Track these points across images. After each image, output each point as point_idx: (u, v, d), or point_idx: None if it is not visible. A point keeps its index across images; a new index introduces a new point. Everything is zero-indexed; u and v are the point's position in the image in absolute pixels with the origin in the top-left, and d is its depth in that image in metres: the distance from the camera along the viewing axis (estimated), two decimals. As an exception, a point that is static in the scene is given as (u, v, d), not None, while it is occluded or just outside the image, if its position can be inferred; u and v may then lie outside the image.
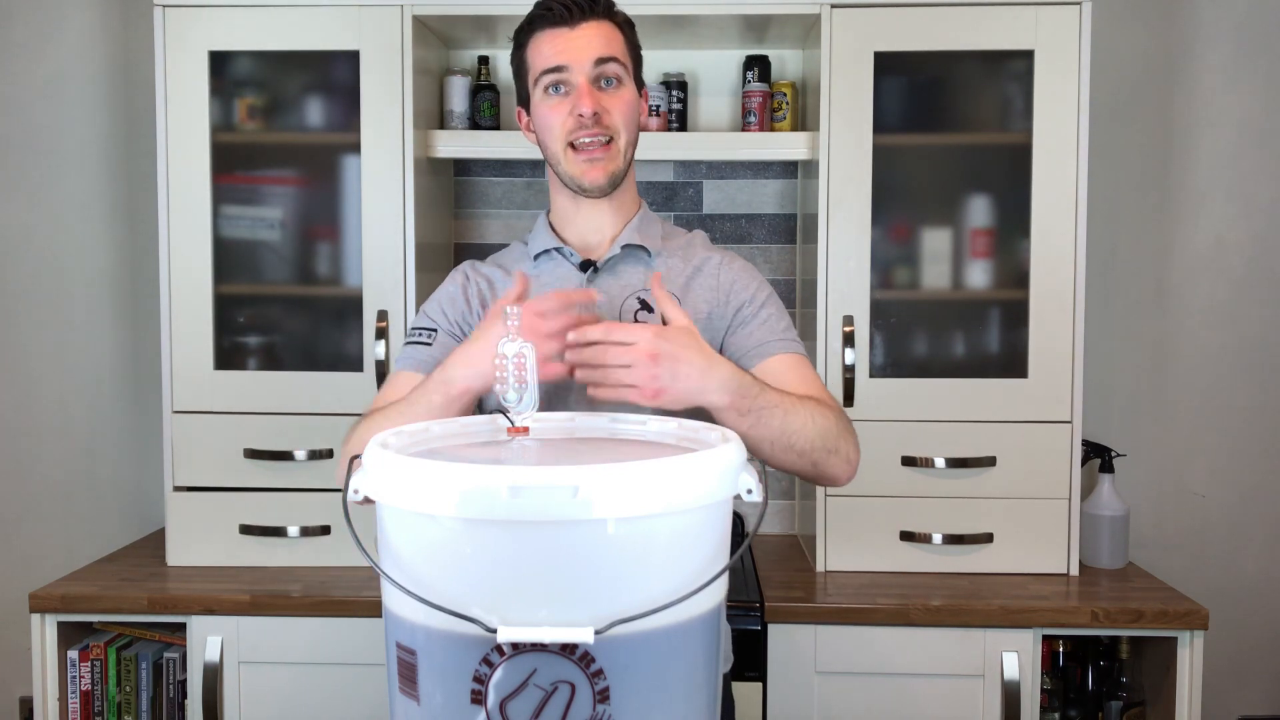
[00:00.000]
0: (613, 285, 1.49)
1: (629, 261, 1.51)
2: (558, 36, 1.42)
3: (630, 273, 1.50)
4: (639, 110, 1.49)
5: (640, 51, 1.51)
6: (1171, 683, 2.08)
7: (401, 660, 0.96)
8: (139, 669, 2.19)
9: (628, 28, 1.48)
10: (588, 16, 1.42)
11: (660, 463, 0.92)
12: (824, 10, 2.18)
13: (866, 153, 2.19)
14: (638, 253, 1.51)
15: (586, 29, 1.42)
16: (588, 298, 1.33)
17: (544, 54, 1.43)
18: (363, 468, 0.99)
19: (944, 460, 2.20)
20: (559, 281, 1.50)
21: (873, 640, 2.05)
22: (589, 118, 1.41)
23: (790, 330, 1.50)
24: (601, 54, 1.41)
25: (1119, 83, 2.54)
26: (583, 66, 1.41)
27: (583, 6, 1.41)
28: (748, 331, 1.47)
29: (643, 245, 1.51)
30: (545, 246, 1.52)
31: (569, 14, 1.41)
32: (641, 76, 1.51)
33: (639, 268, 1.50)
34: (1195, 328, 2.59)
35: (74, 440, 2.66)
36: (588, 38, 1.41)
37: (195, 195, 2.22)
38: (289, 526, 2.24)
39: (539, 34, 1.44)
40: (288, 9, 2.20)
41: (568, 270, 1.51)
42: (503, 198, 2.61)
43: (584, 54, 1.41)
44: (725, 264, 1.52)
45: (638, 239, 1.50)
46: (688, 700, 0.98)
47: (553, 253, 1.52)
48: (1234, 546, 2.60)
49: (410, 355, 1.51)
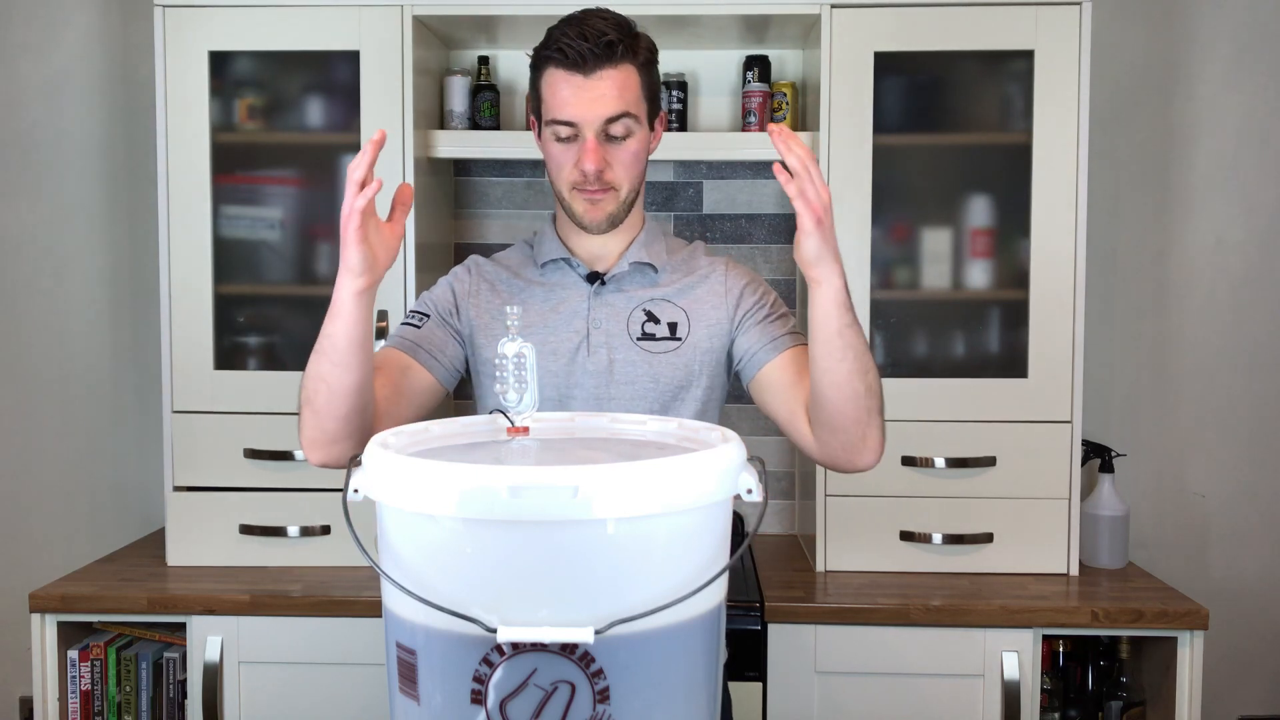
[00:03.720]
0: (618, 299, 1.51)
1: (635, 276, 1.53)
2: (571, 83, 1.39)
3: (636, 287, 1.52)
4: (648, 150, 1.48)
5: (658, 83, 1.49)
6: (1171, 683, 2.08)
7: (401, 660, 0.97)
8: (139, 669, 2.19)
9: (647, 67, 1.44)
10: (603, 64, 1.38)
11: (660, 463, 0.92)
12: (824, 10, 2.18)
13: (866, 153, 2.19)
14: (644, 268, 1.53)
15: (601, 80, 1.39)
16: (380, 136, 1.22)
17: (557, 99, 1.41)
18: (362, 467, 0.99)
19: (944, 460, 2.20)
20: (566, 291, 1.52)
21: (873, 640, 2.05)
22: (592, 175, 1.41)
23: (798, 329, 1.52)
24: (612, 113, 1.39)
25: (1119, 83, 2.55)
26: (592, 125, 1.39)
27: (598, 55, 1.38)
28: (760, 330, 1.49)
29: (649, 263, 1.53)
30: (553, 256, 1.53)
31: (584, 61, 1.38)
32: (658, 106, 1.49)
33: (645, 282, 1.53)
34: (1195, 328, 2.59)
35: (74, 440, 2.66)
36: (600, 91, 1.39)
37: (195, 195, 2.22)
38: (289, 526, 2.24)
39: (553, 72, 1.41)
40: (288, 9, 2.20)
41: (574, 280, 1.53)
42: (503, 198, 2.61)
43: (594, 111, 1.39)
44: (730, 270, 1.55)
45: (645, 256, 1.52)
46: (688, 700, 0.98)
47: (560, 262, 1.53)
48: (1234, 546, 2.60)
49: (397, 334, 1.52)
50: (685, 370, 1.49)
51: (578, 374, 1.48)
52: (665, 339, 1.49)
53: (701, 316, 1.51)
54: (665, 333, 1.50)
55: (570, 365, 1.48)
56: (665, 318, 1.51)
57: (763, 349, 1.48)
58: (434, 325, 1.51)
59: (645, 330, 1.50)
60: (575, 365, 1.48)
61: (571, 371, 1.48)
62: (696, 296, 1.52)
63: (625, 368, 1.48)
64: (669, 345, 1.49)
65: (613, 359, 1.48)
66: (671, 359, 1.48)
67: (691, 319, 1.51)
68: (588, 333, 1.49)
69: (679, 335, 1.50)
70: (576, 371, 1.48)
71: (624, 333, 1.49)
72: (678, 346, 1.49)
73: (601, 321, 1.50)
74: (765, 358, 1.47)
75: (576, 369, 1.48)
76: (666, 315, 1.51)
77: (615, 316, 1.50)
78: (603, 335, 1.49)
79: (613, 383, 1.47)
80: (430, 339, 1.50)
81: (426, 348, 1.49)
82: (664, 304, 1.51)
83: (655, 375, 1.48)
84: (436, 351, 1.49)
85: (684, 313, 1.51)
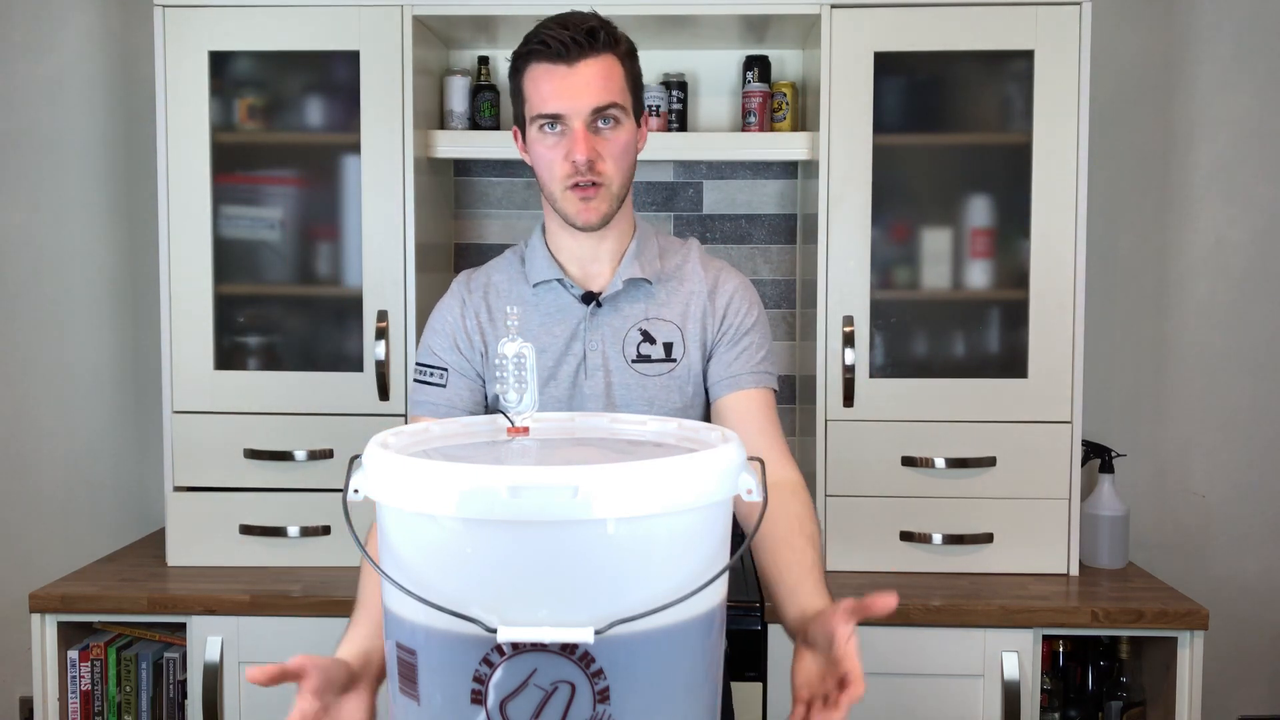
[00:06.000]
0: (614, 318, 1.49)
1: (630, 292, 1.50)
2: (555, 75, 1.38)
3: (631, 306, 1.50)
4: (636, 145, 1.46)
5: (641, 79, 1.48)
6: (1171, 683, 2.08)
7: (401, 660, 0.97)
8: (139, 669, 2.19)
9: (629, 59, 1.43)
10: (587, 53, 1.37)
11: (660, 463, 0.92)
12: (824, 10, 2.18)
13: (866, 153, 2.19)
14: (638, 283, 1.51)
15: (585, 68, 1.37)
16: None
17: (541, 93, 1.39)
18: (362, 467, 0.99)
19: (944, 460, 2.20)
20: (560, 312, 1.50)
21: (873, 640, 2.05)
22: (583, 165, 1.39)
23: (767, 360, 1.51)
24: (599, 102, 1.38)
25: (1119, 83, 2.55)
26: (580, 115, 1.38)
27: (581, 44, 1.36)
28: (728, 359, 1.49)
29: (643, 278, 1.50)
30: (545, 277, 1.50)
31: (567, 51, 1.36)
32: (642, 103, 1.48)
33: (639, 296, 1.50)
34: (1195, 328, 2.59)
35: (74, 440, 2.66)
36: (586, 80, 1.37)
37: (195, 195, 2.22)
38: (289, 526, 2.24)
39: (536, 67, 1.39)
40: (288, 9, 2.20)
41: (569, 301, 1.50)
42: (503, 198, 2.61)
43: (581, 101, 1.37)
44: (723, 281, 1.53)
45: (638, 271, 1.49)
46: (688, 700, 0.98)
47: (553, 283, 1.51)
48: (1234, 546, 2.60)
49: (425, 399, 1.51)
50: (680, 393, 1.48)
51: (579, 399, 1.47)
52: (660, 360, 1.48)
53: (695, 335, 1.50)
54: (660, 354, 1.48)
55: (571, 390, 1.47)
56: (661, 337, 1.49)
57: (718, 382, 1.49)
58: (456, 379, 1.50)
59: (640, 352, 1.48)
60: (575, 390, 1.47)
61: (573, 396, 1.47)
62: (689, 314, 1.51)
63: (622, 391, 1.47)
64: (664, 367, 1.48)
65: (610, 382, 1.47)
66: (666, 381, 1.48)
67: (686, 337, 1.49)
68: (584, 355, 1.48)
69: (674, 356, 1.49)
70: (578, 396, 1.47)
71: (620, 355, 1.48)
72: (672, 368, 1.48)
73: (598, 344, 1.48)
74: (720, 391, 1.49)
75: (577, 393, 1.47)
76: (662, 334, 1.49)
77: (611, 339, 1.48)
78: (599, 358, 1.48)
79: (611, 406, 1.46)
80: (457, 398, 1.50)
81: (463, 407, 1.50)
82: (659, 323, 1.50)
83: (651, 399, 1.47)
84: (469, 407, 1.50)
85: (679, 331, 1.49)
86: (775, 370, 1.53)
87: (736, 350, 1.49)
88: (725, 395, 1.48)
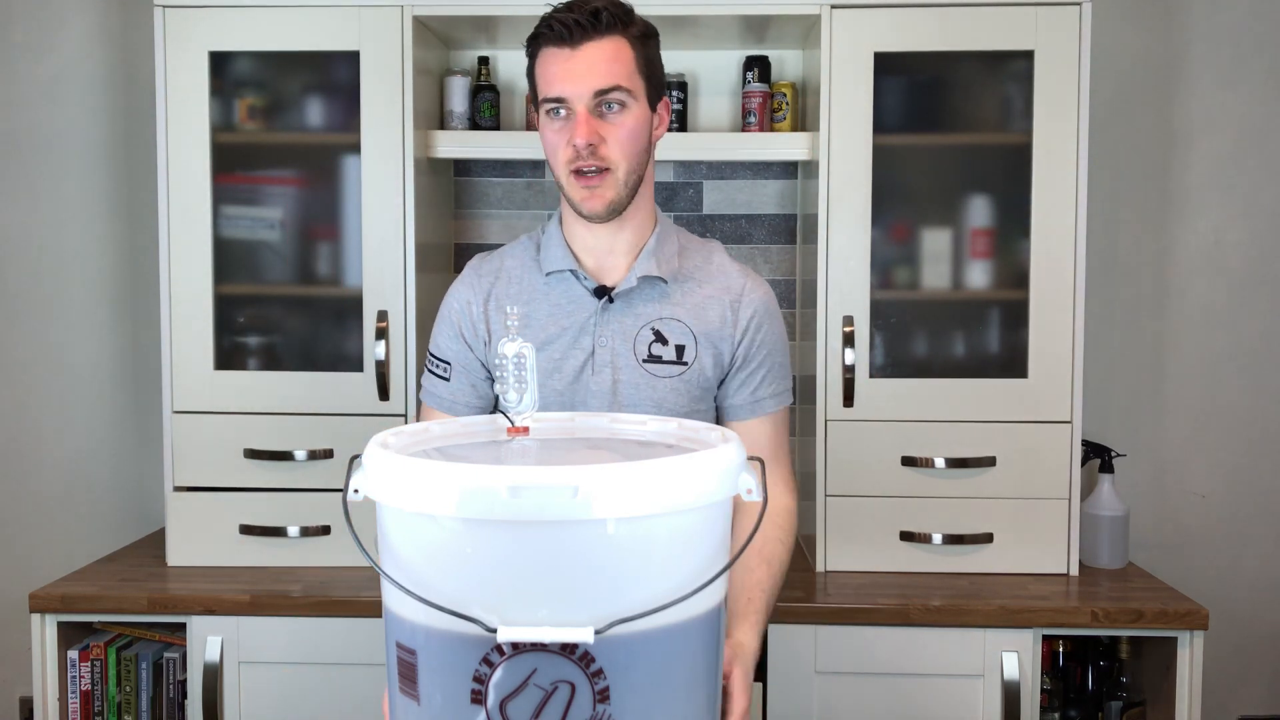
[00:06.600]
0: (627, 317, 1.47)
1: (644, 289, 1.48)
2: (560, 58, 1.37)
3: (645, 304, 1.48)
4: (649, 130, 1.43)
5: (658, 64, 1.45)
6: (1171, 683, 2.08)
7: (401, 660, 0.97)
8: (139, 669, 2.19)
9: (641, 40, 1.40)
10: (590, 35, 1.35)
11: (660, 463, 0.92)
12: (824, 10, 2.18)
13: (866, 153, 2.19)
14: (653, 281, 1.48)
15: (589, 51, 1.36)
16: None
17: (546, 77, 1.39)
18: (362, 467, 0.99)
19: (944, 460, 2.20)
20: (571, 304, 1.48)
21: (873, 640, 2.05)
22: (583, 149, 1.37)
23: (786, 379, 1.53)
24: (602, 85, 1.36)
25: (1119, 83, 2.55)
26: (582, 97, 1.36)
27: (585, 25, 1.34)
28: (751, 385, 1.50)
29: (659, 276, 1.47)
30: (559, 267, 1.48)
31: (569, 33, 1.35)
32: (662, 85, 1.45)
33: (654, 295, 1.48)
34: (1195, 328, 2.59)
35: (74, 440, 2.66)
36: (589, 63, 1.36)
37: (195, 195, 2.22)
38: (289, 526, 2.24)
39: (544, 51, 1.39)
40: (288, 9, 2.20)
41: (581, 294, 1.48)
42: (503, 198, 2.61)
43: (583, 84, 1.36)
44: (748, 291, 1.50)
45: (654, 269, 1.47)
46: (688, 700, 0.98)
47: (567, 274, 1.49)
48: (1234, 546, 2.60)
49: (430, 388, 1.55)
50: (689, 397, 1.46)
51: (582, 394, 1.45)
52: (671, 363, 1.46)
53: (710, 343, 1.47)
54: (672, 355, 1.46)
55: (575, 385, 1.45)
56: (674, 339, 1.47)
57: (737, 407, 1.50)
58: (459, 373, 1.52)
59: (651, 352, 1.46)
60: (580, 385, 1.45)
61: (576, 391, 1.45)
62: (708, 320, 1.48)
63: (629, 390, 1.45)
64: (674, 370, 1.46)
65: (617, 380, 1.45)
66: (675, 384, 1.45)
67: (700, 343, 1.47)
68: (593, 350, 1.46)
69: (685, 359, 1.46)
70: (581, 391, 1.45)
71: (630, 353, 1.45)
72: (683, 371, 1.46)
73: (608, 340, 1.46)
74: (740, 415, 1.50)
75: (581, 388, 1.45)
76: (675, 336, 1.47)
77: (622, 336, 1.46)
78: (608, 354, 1.45)
79: (616, 404, 1.44)
80: (460, 393, 1.52)
81: (464, 401, 1.52)
82: (673, 323, 1.47)
83: (659, 400, 1.45)
84: (471, 400, 1.53)
85: (693, 335, 1.47)
86: (791, 378, 1.54)
87: (761, 372, 1.50)
88: (742, 420, 1.50)
